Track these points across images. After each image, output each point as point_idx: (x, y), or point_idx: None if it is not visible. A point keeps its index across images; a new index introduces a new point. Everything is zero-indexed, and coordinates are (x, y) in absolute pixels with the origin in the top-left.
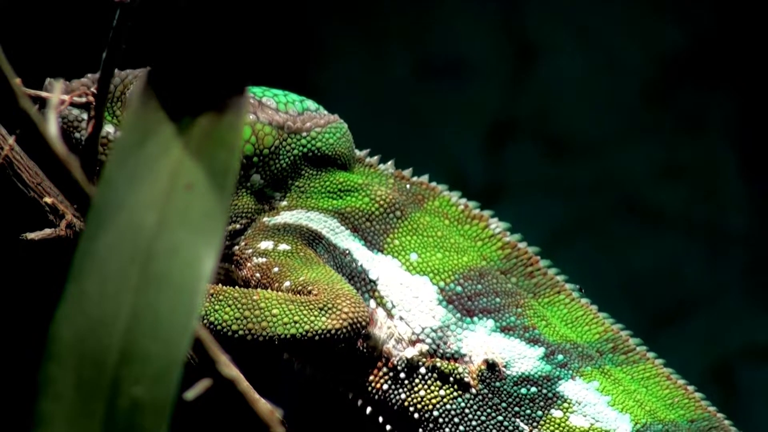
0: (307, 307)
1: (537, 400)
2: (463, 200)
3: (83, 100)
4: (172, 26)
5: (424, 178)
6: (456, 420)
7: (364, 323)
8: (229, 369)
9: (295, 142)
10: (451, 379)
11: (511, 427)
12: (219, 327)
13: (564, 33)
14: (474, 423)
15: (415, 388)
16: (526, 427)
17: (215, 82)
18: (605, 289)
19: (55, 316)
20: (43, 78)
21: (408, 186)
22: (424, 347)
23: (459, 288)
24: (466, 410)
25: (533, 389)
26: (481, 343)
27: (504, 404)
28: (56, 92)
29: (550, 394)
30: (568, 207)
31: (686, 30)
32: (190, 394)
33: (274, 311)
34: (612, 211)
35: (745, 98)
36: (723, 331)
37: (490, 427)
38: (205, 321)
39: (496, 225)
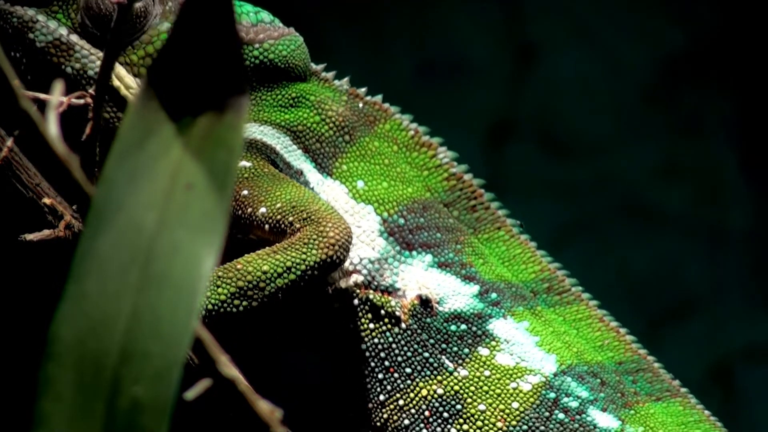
0: (293, 249)
1: (465, 338)
2: (414, 125)
3: (81, 101)
4: (172, 26)
5: (378, 97)
6: (382, 354)
7: (350, 239)
8: (229, 369)
9: (247, 54)
10: (383, 312)
11: (436, 364)
12: (222, 309)
13: (564, 33)
14: (399, 358)
15: (346, 320)
16: (450, 364)
17: (215, 82)
18: (605, 289)
19: (55, 316)
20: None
21: (361, 105)
22: (360, 278)
23: (402, 220)
24: (393, 345)
25: (463, 326)
26: (416, 278)
27: (432, 340)
28: (56, 92)
29: (479, 332)
30: (568, 207)
31: (686, 30)
32: (190, 394)
33: (264, 268)
34: (612, 211)
35: (745, 98)
36: (723, 331)
37: (415, 363)
38: (205, 312)
39: (444, 155)
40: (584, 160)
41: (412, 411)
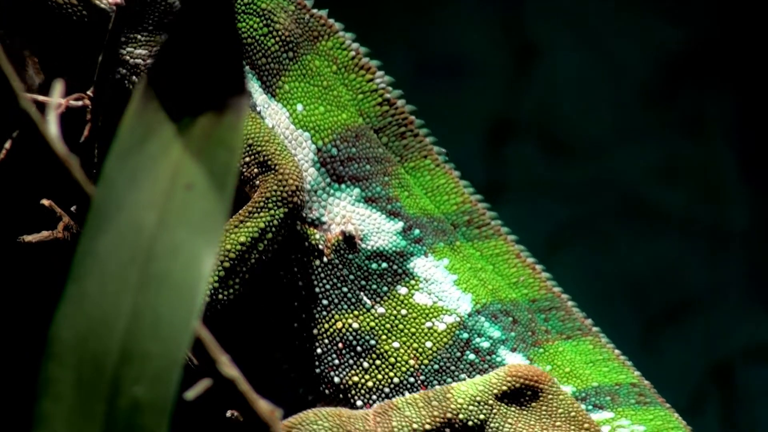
0: (261, 210)
1: (385, 276)
2: (356, 45)
3: (79, 103)
4: (172, 26)
5: (324, 12)
6: (300, 284)
7: (303, 179)
8: (229, 369)
9: None
10: (306, 244)
11: (354, 299)
12: (219, 297)
13: (564, 33)
14: (317, 290)
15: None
16: (368, 301)
17: (215, 82)
18: (605, 290)
19: (55, 317)
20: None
21: (307, 17)
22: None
23: (334, 150)
24: (313, 277)
25: (384, 265)
26: (343, 213)
27: (352, 276)
28: (56, 93)
29: (399, 271)
30: (568, 207)
31: (686, 30)
32: (190, 394)
33: (241, 240)
34: (612, 211)
35: (745, 98)
36: (723, 331)
37: (333, 296)
38: (205, 308)
39: (381, 80)
40: (584, 160)
41: (326, 341)
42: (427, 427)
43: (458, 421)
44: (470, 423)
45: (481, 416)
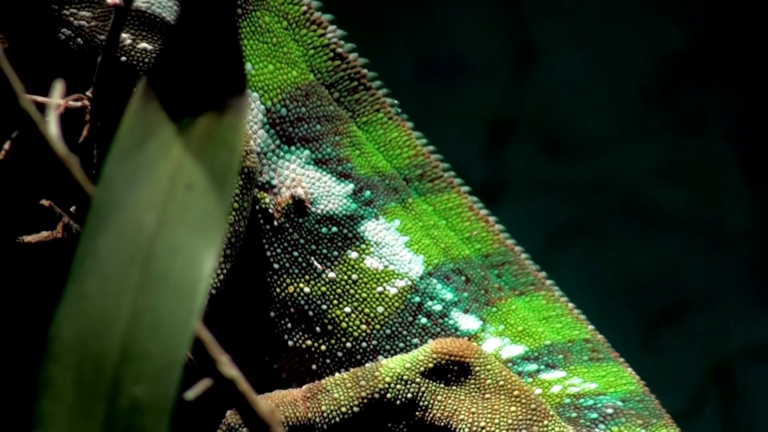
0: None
1: (336, 240)
2: (309, 0)
3: (79, 104)
4: (173, 26)
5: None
6: (250, 247)
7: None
8: (230, 369)
9: None
10: (257, 208)
11: (304, 264)
12: (215, 286)
13: (564, 33)
14: (268, 254)
15: None
16: (319, 266)
17: (215, 82)
18: (605, 289)
19: (55, 316)
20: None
21: None
22: None
23: (284, 110)
24: (263, 241)
25: (334, 229)
26: (293, 176)
27: (302, 241)
28: (56, 93)
29: (350, 235)
30: (568, 206)
31: (686, 30)
32: (190, 394)
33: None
34: (612, 211)
35: (745, 98)
36: (723, 331)
37: (284, 260)
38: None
39: (333, 34)
40: (584, 160)
41: (278, 305)
42: (356, 409)
43: (387, 400)
44: (398, 402)
45: (409, 395)
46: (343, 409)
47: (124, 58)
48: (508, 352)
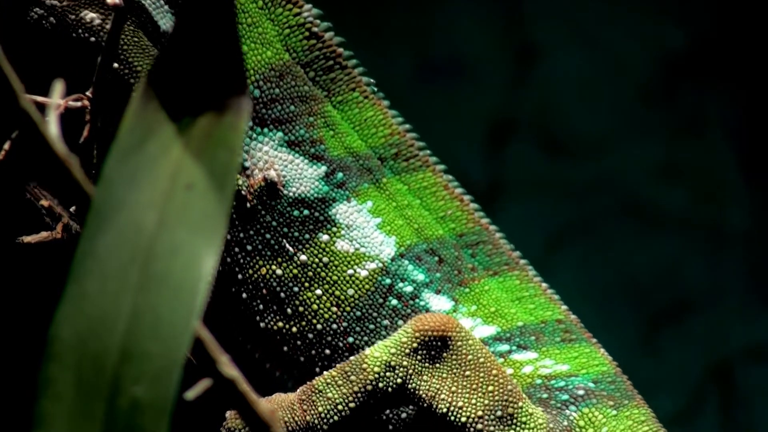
0: None
1: (307, 223)
2: None
3: (79, 104)
4: (173, 26)
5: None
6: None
7: None
8: (229, 369)
9: None
10: None
11: (276, 247)
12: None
13: (564, 33)
14: (242, 235)
15: None
16: (291, 249)
17: (215, 82)
18: (605, 289)
19: (55, 317)
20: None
21: None
22: None
23: (257, 92)
24: (237, 222)
25: (306, 212)
26: (266, 158)
27: (275, 223)
28: (56, 93)
29: (321, 218)
30: (568, 207)
31: (686, 30)
32: (190, 394)
33: None
34: (612, 211)
35: (745, 98)
36: (723, 331)
37: (257, 242)
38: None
39: (309, 13)
40: (584, 160)
41: (250, 287)
42: (352, 405)
43: (379, 390)
44: (389, 389)
45: (398, 380)
46: (339, 407)
47: (93, 39)
48: (479, 332)
